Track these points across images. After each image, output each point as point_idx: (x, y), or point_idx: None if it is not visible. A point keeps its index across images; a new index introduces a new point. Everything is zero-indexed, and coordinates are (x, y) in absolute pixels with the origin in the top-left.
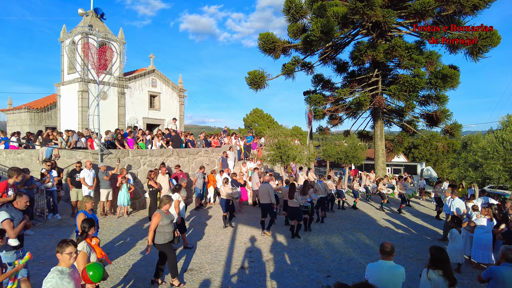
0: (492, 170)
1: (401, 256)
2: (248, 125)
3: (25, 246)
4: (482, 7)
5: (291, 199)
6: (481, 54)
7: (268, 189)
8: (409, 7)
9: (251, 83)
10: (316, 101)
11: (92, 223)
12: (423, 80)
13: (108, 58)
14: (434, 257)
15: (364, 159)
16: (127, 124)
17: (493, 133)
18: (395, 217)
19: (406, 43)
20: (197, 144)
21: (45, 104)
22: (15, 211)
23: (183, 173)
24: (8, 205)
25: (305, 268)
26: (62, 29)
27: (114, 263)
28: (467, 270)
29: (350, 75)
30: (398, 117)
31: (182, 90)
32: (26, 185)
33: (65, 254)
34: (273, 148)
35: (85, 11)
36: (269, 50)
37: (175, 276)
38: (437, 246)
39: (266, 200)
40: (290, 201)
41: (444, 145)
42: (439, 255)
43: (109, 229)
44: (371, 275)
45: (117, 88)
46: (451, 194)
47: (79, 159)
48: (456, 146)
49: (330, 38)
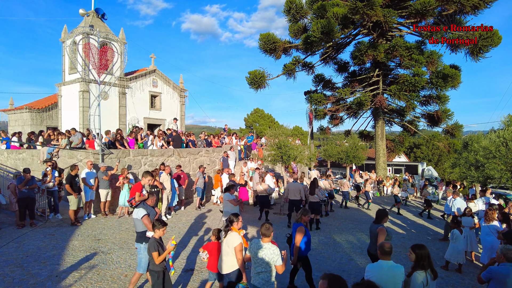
0: (494, 169)
1: (401, 256)
2: (249, 125)
3: (26, 246)
4: (483, 7)
5: (312, 195)
6: (481, 54)
7: (300, 188)
8: (410, 7)
9: (251, 83)
10: (317, 101)
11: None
12: (424, 80)
13: (109, 58)
14: (419, 256)
15: (365, 159)
16: (128, 124)
17: (495, 132)
18: (395, 217)
19: (406, 43)
20: (197, 144)
21: (47, 104)
22: (149, 208)
23: (184, 173)
24: (144, 203)
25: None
26: (63, 29)
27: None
28: (468, 270)
29: (351, 75)
30: (399, 117)
31: (183, 90)
32: (28, 185)
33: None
34: (274, 148)
35: (86, 11)
36: (270, 50)
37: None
38: (417, 245)
39: (297, 196)
40: (311, 196)
41: (445, 145)
42: (423, 252)
43: (110, 229)
44: (371, 275)
45: (118, 88)
46: (452, 194)
47: (80, 159)
48: (457, 146)
49: (330, 39)
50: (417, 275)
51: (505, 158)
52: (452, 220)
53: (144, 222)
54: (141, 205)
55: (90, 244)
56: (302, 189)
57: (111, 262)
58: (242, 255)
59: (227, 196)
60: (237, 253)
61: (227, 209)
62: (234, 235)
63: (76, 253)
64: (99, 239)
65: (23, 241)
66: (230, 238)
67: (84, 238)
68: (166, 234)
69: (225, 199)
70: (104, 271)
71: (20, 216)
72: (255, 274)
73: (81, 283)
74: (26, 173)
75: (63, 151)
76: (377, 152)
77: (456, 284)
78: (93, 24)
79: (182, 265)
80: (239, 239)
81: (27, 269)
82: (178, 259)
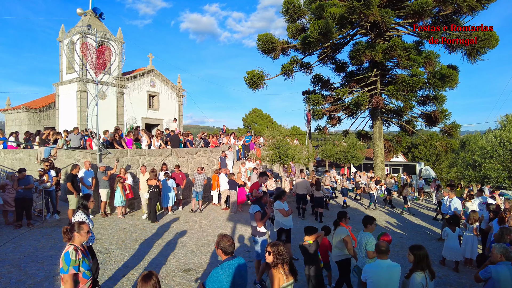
0: (491, 169)
1: (399, 256)
2: (247, 124)
3: (23, 246)
4: (480, 8)
5: (318, 191)
6: (478, 56)
7: (307, 184)
8: (407, 7)
9: (249, 83)
10: (315, 101)
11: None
12: (421, 80)
13: (106, 58)
14: (417, 256)
15: (363, 159)
16: (126, 124)
17: (492, 132)
18: (394, 216)
19: (404, 43)
20: (195, 144)
21: (44, 104)
22: (263, 206)
23: (182, 173)
24: (260, 200)
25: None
26: (61, 29)
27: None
28: (465, 269)
29: (349, 75)
30: (396, 117)
31: (181, 90)
32: (23, 185)
33: None
34: (272, 148)
35: (83, 10)
36: (268, 50)
37: None
38: (415, 246)
39: (304, 191)
40: (316, 192)
41: (443, 144)
42: (421, 253)
43: (108, 229)
44: (370, 275)
45: (116, 88)
46: (448, 194)
47: (77, 159)
48: (455, 146)
49: (328, 39)
50: (416, 276)
51: (502, 158)
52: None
53: (256, 218)
54: (256, 202)
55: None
56: (308, 185)
57: (108, 263)
58: (351, 245)
59: (278, 204)
60: (347, 244)
61: (278, 218)
62: (342, 229)
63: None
64: (97, 239)
65: (20, 242)
66: (339, 231)
67: None
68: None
69: (276, 208)
70: (101, 272)
71: (17, 216)
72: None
73: None
74: (20, 173)
75: (60, 151)
76: (375, 152)
77: (453, 283)
78: (90, 23)
79: (180, 265)
80: (347, 232)
81: (24, 270)
82: (176, 259)
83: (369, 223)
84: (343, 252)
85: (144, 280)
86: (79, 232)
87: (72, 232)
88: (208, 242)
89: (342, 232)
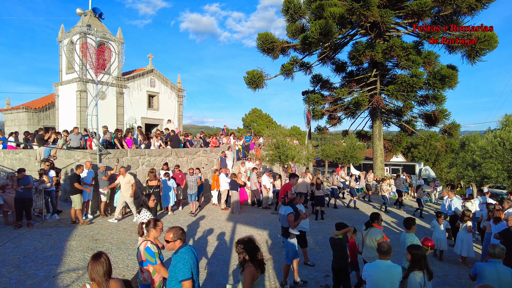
0: (491, 169)
1: (399, 255)
2: (247, 125)
3: (23, 246)
4: (479, 8)
5: (318, 190)
6: (478, 57)
7: (307, 183)
8: (407, 8)
9: (249, 83)
10: (314, 101)
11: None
12: (421, 80)
13: (106, 58)
14: (415, 256)
15: (362, 159)
16: (126, 124)
17: (492, 132)
18: (394, 216)
19: (404, 43)
20: (194, 144)
21: (43, 104)
22: (296, 207)
23: (182, 173)
24: (292, 202)
25: (304, 268)
26: (60, 29)
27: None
28: (465, 270)
29: (348, 75)
30: (396, 117)
31: (180, 90)
32: (23, 185)
33: None
34: (272, 148)
35: (83, 10)
36: (268, 50)
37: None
38: (413, 245)
39: (304, 190)
40: (317, 191)
41: (442, 144)
42: (419, 253)
43: (108, 229)
44: (369, 274)
45: (116, 88)
46: (448, 194)
47: (77, 159)
48: (455, 146)
49: (329, 39)
50: (414, 275)
51: (501, 158)
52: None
53: (289, 219)
54: (289, 204)
55: (87, 244)
56: (308, 184)
57: None
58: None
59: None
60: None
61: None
62: (376, 230)
63: (73, 253)
64: (96, 240)
65: (20, 242)
66: (372, 232)
67: (81, 239)
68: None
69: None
70: None
71: (17, 217)
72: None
73: (79, 284)
74: (19, 173)
75: (60, 151)
76: (375, 152)
77: (453, 283)
78: (90, 23)
79: None
80: (381, 233)
81: (24, 270)
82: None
83: (412, 224)
84: (377, 253)
85: (95, 259)
86: (155, 228)
87: (148, 228)
88: (208, 242)
89: (376, 233)
